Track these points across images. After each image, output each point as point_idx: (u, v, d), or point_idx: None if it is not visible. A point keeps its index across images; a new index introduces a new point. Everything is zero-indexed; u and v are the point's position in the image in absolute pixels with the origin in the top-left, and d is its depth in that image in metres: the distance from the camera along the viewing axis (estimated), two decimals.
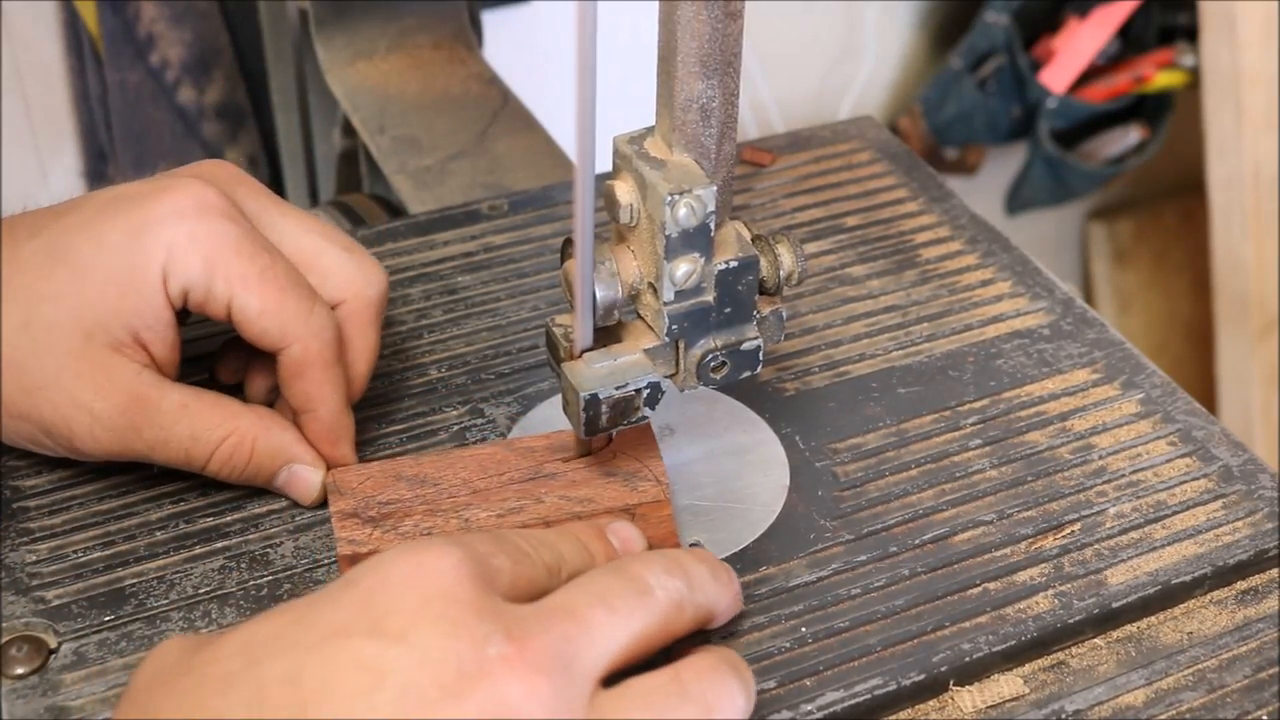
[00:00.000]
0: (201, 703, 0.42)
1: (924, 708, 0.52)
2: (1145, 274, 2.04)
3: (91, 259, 0.54)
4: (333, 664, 0.41)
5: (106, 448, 0.55)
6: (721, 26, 0.51)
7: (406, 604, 0.42)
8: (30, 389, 0.54)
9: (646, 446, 0.58)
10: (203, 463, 0.56)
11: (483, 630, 0.42)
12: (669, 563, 0.48)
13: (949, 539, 0.57)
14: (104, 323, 0.54)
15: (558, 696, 0.42)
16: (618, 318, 0.55)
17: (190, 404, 0.55)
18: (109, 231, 0.54)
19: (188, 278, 0.54)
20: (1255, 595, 0.57)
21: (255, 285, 0.54)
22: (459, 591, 0.43)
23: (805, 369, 0.65)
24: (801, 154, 0.79)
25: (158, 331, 0.55)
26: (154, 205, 0.54)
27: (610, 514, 0.55)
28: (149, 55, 1.17)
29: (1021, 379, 0.65)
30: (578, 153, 0.47)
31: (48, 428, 0.54)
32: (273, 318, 0.55)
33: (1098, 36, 1.69)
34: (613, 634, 0.45)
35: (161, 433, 0.55)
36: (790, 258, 0.55)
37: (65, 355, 0.53)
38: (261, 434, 0.56)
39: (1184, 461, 0.61)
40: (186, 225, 0.54)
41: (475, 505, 0.55)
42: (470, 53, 0.97)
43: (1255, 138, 1.61)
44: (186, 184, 0.55)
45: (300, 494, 0.58)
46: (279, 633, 0.43)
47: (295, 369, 0.56)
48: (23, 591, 0.54)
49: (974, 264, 0.72)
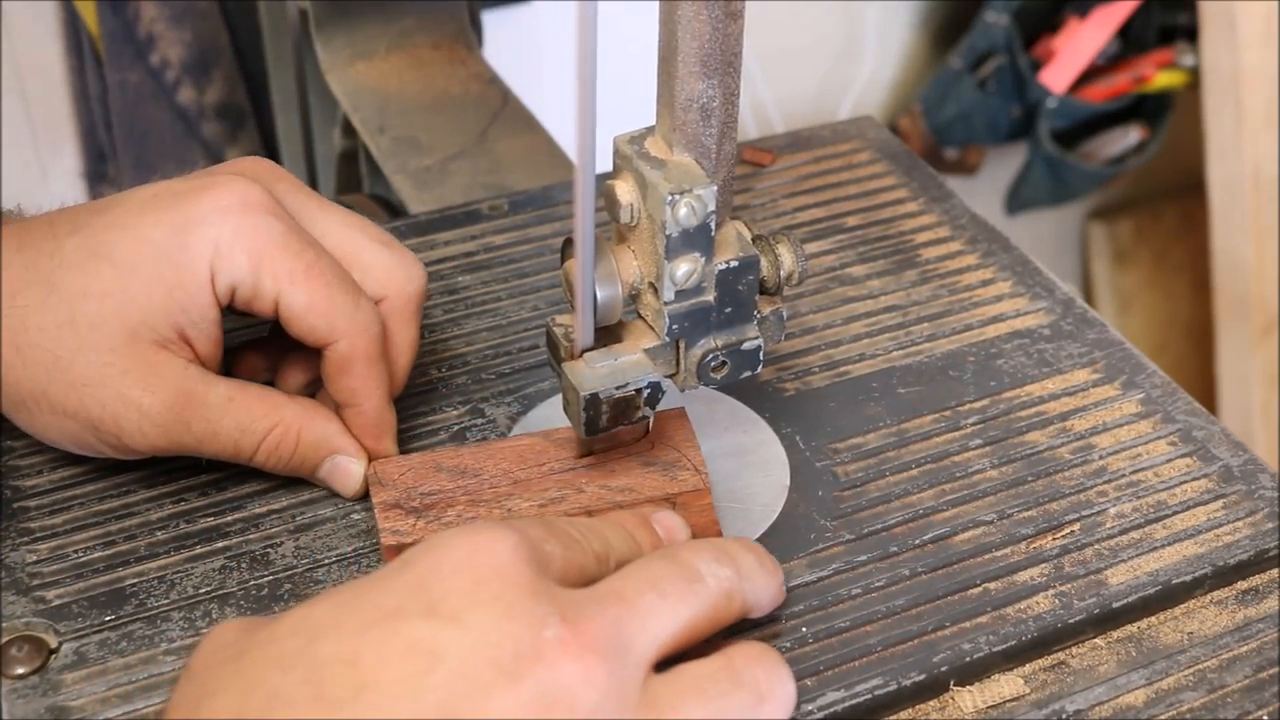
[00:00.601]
0: (260, 680, 0.42)
1: (924, 708, 0.52)
2: (1145, 274, 2.04)
3: (137, 256, 0.54)
4: (389, 644, 0.42)
5: (154, 443, 0.55)
6: (722, 26, 0.51)
7: (462, 586, 0.43)
8: (76, 385, 0.54)
9: (685, 436, 0.58)
10: (249, 454, 0.56)
11: (538, 613, 0.42)
12: (718, 551, 0.49)
13: (949, 539, 0.57)
14: (150, 320, 0.54)
15: (612, 680, 0.42)
16: (618, 318, 0.55)
17: (236, 397, 0.56)
18: (154, 229, 0.54)
19: (235, 275, 0.54)
20: (1255, 595, 0.57)
21: (302, 281, 0.55)
22: (514, 575, 0.43)
23: (805, 369, 0.65)
24: (801, 154, 0.79)
25: (203, 329, 0.55)
26: (199, 202, 0.54)
27: (651, 503, 0.56)
28: (149, 55, 1.18)
29: (1022, 379, 0.65)
30: (578, 153, 0.47)
31: (95, 424, 0.54)
32: (320, 314, 0.55)
33: (1098, 36, 1.69)
34: (664, 620, 0.45)
35: (209, 426, 0.55)
36: (790, 258, 0.55)
37: (111, 352, 0.54)
38: (306, 425, 0.57)
39: (1184, 461, 0.61)
40: (232, 222, 0.54)
41: (517, 495, 0.56)
42: (470, 53, 0.97)
43: (1255, 138, 1.61)
44: (230, 181, 0.55)
45: (343, 485, 0.58)
46: (336, 613, 0.43)
47: (341, 364, 0.56)
48: (23, 591, 0.54)
49: (974, 264, 0.72)
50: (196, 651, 0.45)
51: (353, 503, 0.58)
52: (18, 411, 0.55)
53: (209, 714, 0.42)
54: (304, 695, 0.41)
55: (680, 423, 0.59)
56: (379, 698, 0.41)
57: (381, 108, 0.91)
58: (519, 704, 0.41)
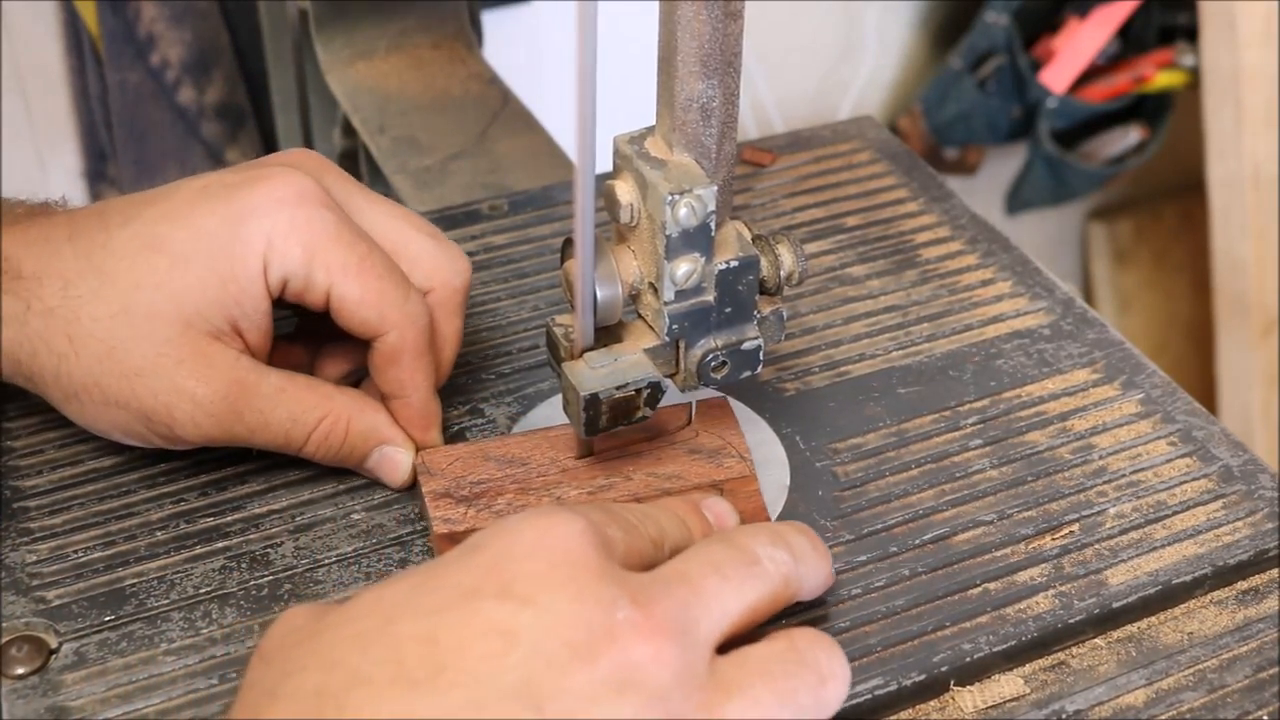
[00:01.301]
0: (339, 659, 0.42)
1: (924, 708, 0.52)
2: (1145, 274, 2.04)
3: (191, 247, 0.54)
4: (467, 625, 0.42)
5: (207, 433, 0.55)
6: (722, 26, 0.51)
7: (534, 569, 0.43)
8: (130, 375, 0.54)
9: (728, 423, 0.59)
10: (300, 444, 0.57)
11: (609, 595, 0.43)
12: (774, 535, 0.49)
13: (949, 539, 0.57)
14: (204, 311, 0.54)
15: (681, 660, 0.43)
16: (618, 318, 0.55)
17: (287, 387, 0.56)
18: (207, 219, 0.54)
19: (288, 267, 0.55)
20: (1255, 595, 0.57)
21: (354, 273, 0.55)
22: (584, 558, 0.44)
23: (805, 369, 0.65)
24: (801, 154, 0.79)
25: (255, 320, 0.55)
26: (252, 194, 0.55)
27: (699, 490, 0.56)
28: (149, 55, 1.17)
29: (1021, 379, 0.65)
30: (578, 153, 0.47)
31: (148, 414, 0.55)
32: (371, 306, 0.55)
33: (1098, 36, 1.69)
34: (727, 602, 0.46)
35: (261, 416, 0.56)
36: (790, 258, 0.55)
37: (165, 342, 0.54)
38: (355, 415, 0.57)
39: (1184, 461, 0.61)
40: (286, 213, 0.54)
41: (566, 483, 0.56)
42: (470, 53, 0.97)
43: (1255, 138, 1.61)
44: (282, 172, 0.56)
45: (391, 476, 0.58)
46: (410, 595, 0.44)
47: (390, 356, 0.57)
48: (23, 591, 0.54)
49: (974, 264, 0.72)
50: (267, 635, 0.45)
51: (352, 503, 0.58)
52: (68, 402, 0.56)
53: (289, 694, 0.42)
54: (383, 674, 0.42)
55: (724, 410, 0.59)
56: (458, 677, 0.41)
57: (381, 108, 0.91)
58: (594, 683, 0.42)
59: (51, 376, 0.55)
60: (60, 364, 0.54)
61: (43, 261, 0.55)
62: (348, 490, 0.59)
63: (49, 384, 0.55)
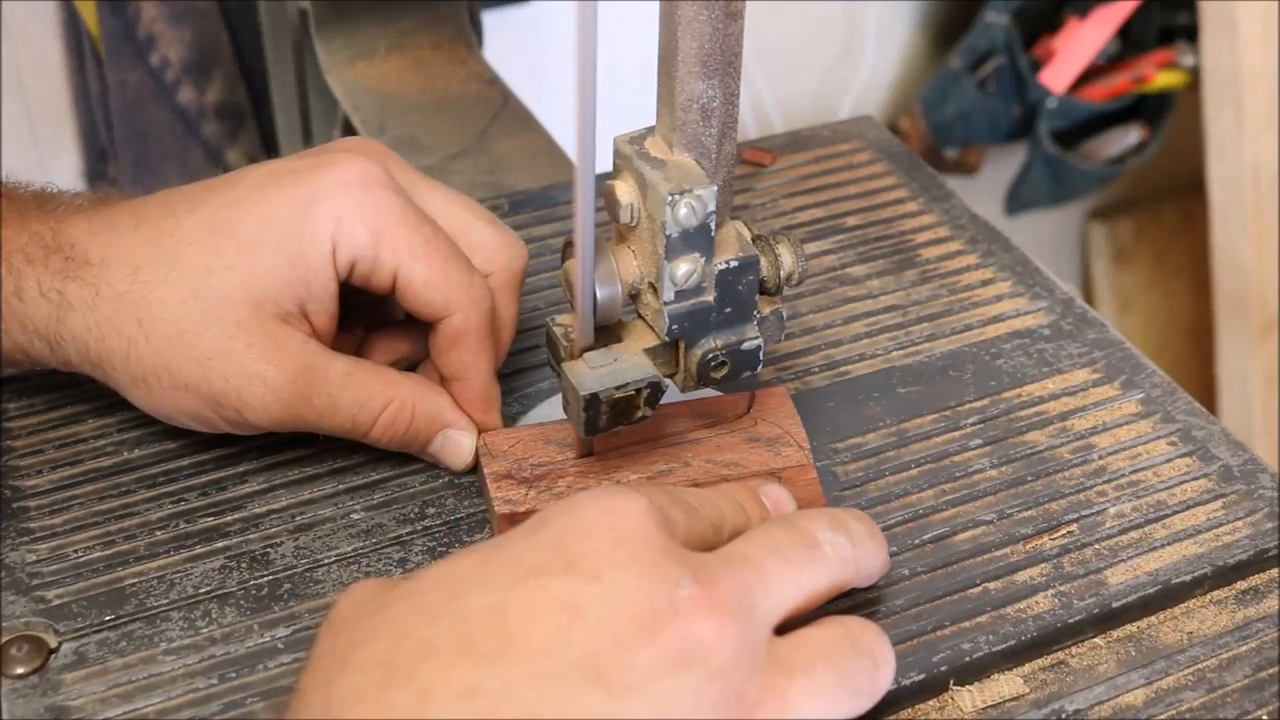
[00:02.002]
0: (409, 630, 0.43)
1: (924, 707, 0.52)
2: (1145, 274, 2.04)
3: (261, 231, 0.55)
4: (534, 599, 0.43)
5: (276, 416, 0.56)
6: (722, 26, 0.51)
7: (599, 546, 0.44)
8: (200, 359, 0.55)
9: (786, 413, 0.59)
10: (366, 429, 0.57)
11: (673, 573, 0.43)
12: (833, 520, 0.50)
13: (949, 539, 0.57)
14: (274, 294, 0.55)
15: (742, 638, 0.43)
16: (618, 318, 0.55)
17: (354, 372, 0.57)
18: (276, 203, 0.55)
19: (356, 249, 0.55)
20: (1255, 595, 0.57)
21: (421, 256, 0.56)
22: (648, 536, 0.44)
23: (805, 369, 0.65)
24: (801, 154, 0.79)
25: (323, 304, 0.56)
26: (320, 178, 0.55)
27: (757, 478, 0.56)
28: (149, 55, 1.17)
29: (1021, 379, 0.65)
30: (578, 153, 0.47)
31: (218, 398, 0.55)
32: (437, 288, 0.56)
33: (1098, 36, 1.69)
34: (787, 585, 0.46)
35: (329, 400, 0.56)
36: (790, 258, 0.55)
37: (235, 325, 0.55)
38: (420, 400, 0.58)
39: (1184, 461, 0.61)
40: (353, 197, 0.55)
41: (626, 467, 0.57)
42: (470, 53, 0.97)
43: (1255, 138, 1.61)
44: (348, 157, 0.56)
45: (454, 459, 0.59)
46: (479, 569, 0.44)
47: (454, 338, 0.57)
48: (23, 591, 0.54)
49: (974, 264, 0.72)
50: (335, 608, 0.46)
51: (352, 503, 0.58)
52: (136, 387, 0.56)
53: (359, 663, 0.43)
54: (451, 645, 0.42)
55: (781, 400, 0.60)
56: (526, 650, 0.42)
57: (381, 108, 0.91)
58: (658, 659, 0.42)
59: (120, 361, 0.55)
60: (130, 348, 0.55)
61: (111, 248, 0.55)
62: (348, 490, 0.59)
63: (117, 369, 0.56)
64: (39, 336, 0.56)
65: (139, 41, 1.17)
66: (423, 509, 0.58)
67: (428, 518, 0.58)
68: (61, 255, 0.55)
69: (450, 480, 0.59)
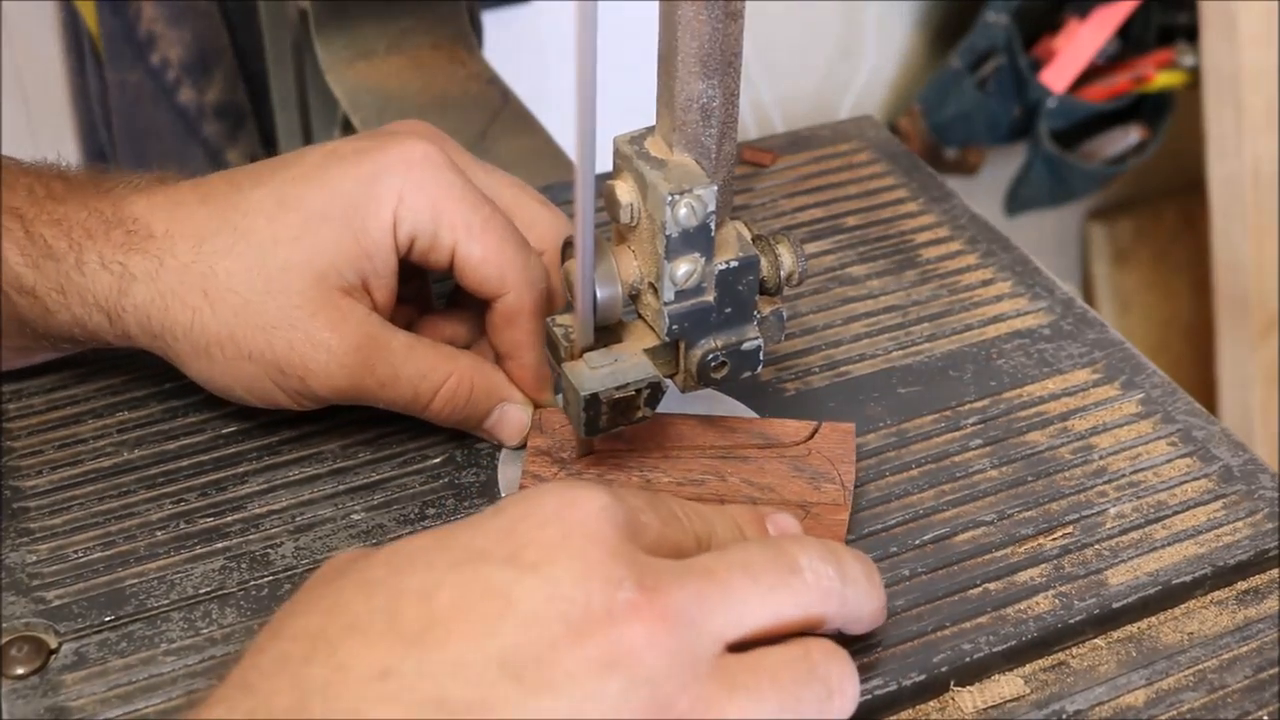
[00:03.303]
0: (344, 604, 0.43)
1: (924, 708, 0.52)
2: (1145, 274, 2.04)
3: (326, 204, 0.56)
4: (466, 585, 0.42)
5: (338, 385, 0.56)
6: (721, 26, 0.51)
7: (547, 537, 0.43)
8: (265, 328, 0.55)
9: (844, 453, 0.58)
10: (428, 400, 0.58)
11: (616, 574, 0.43)
12: (825, 550, 0.48)
13: (949, 539, 0.57)
14: (338, 265, 0.56)
15: (680, 650, 0.42)
16: (618, 318, 0.55)
17: (415, 345, 0.58)
18: (340, 179, 0.56)
19: (416, 225, 0.56)
20: (1255, 595, 0.57)
21: (478, 234, 0.57)
22: (599, 534, 0.43)
23: (805, 369, 0.65)
24: (801, 154, 0.79)
25: (384, 278, 0.57)
26: (382, 155, 0.57)
27: (786, 506, 0.56)
28: (149, 55, 1.17)
29: (1022, 379, 0.65)
30: (578, 153, 0.47)
31: (281, 367, 0.56)
32: (493, 266, 0.57)
33: (1098, 36, 1.69)
34: (750, 604, 0.45)
35: (392, 369, 0.57)
36: (790, 258, 0.55)
37: (300, 294, 0.55)
38: (478, 374, 0.59)
39: (1184, 461, 0.61)
40: (415, 174, 0.56)
41: (661, 469, 0.57)
42: (470, 53, 0.97)
43: (1255, 138, 1.61)
44: (409, 137, 0.58)
45: (509, 433, 0.60)
46: (428, 550, 0.44)
47: (509, 316, 0.58)
48: (23, 592, 0.54)
49: (974, 264, 0.72)
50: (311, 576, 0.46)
51: (352, 503, 0.58)
52: (198, 358, 0.57)
53: (291, 633, 0.43)
54: (378, 624, 0.42)
55: (844, 438, 0.58)
56: (447, 636, 0.41)
57: (381, 108, 0.91)
58: (582, 660, 0.41)
59: (184, 331, 0.56)
60: (194, 317, 0.56)
61: (175, 221, 0.56)
62: (348, 491, 0.59)
63: (180, 339, 0.56)
64: (98, 309, 0.56)
65: (139, 41, 1.17)
66: (423, 509, 0.58)
67: (428, 518, 0.58)
68: (123, 229, 0.56)
69: (450, 481, 0.59)
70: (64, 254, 0.56)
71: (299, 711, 0.40)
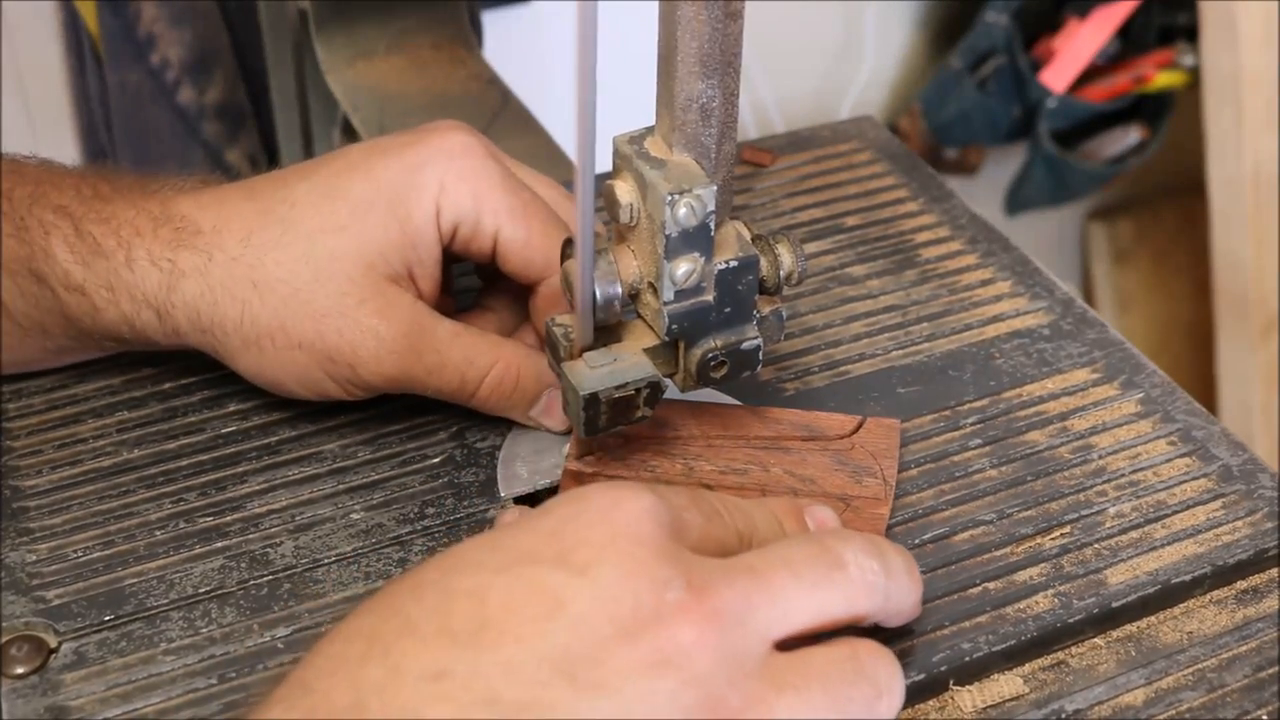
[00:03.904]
0: (398, 606, 0.44)
1: (924, 707, 0.52)
2: (1145, 274, 2.04)
3: (372, 194, 0.57)
4: (517, 587, 0.43)
5: (388, 372, 0.57)
6: (721, 26, 0.51)
7: (594, 539, 0.43)
8: (315, 316, 0.56)
9: (888, 448, 0.58)
10: (475, 387, 0.59)
11: (664, 574, 0.43)
12: (869, 544, 0.48)
13: (949, 539, 0.57)
14: (385, 254, 0.57)
15: (728, 649, 0.43)
16: (618, 317, 0.55)
17: (462, 333, 0.58)
18: (384, 170, 0.58)
19: (459, 212, 0.57)
20: (1255, 595, 0.57)
21: (521, 218, 0.58)
22: (646, 534, 0.44)
23: (805, 369, 0.65)
24: (801, 154, 0.79)
25: (428, 267, 0.58)
26: (424, 147, 0.58)
27: (827, 499, 0.56)
28: (149, 55, 1.17)
29: (1021, 379, 0.65)
30: (578, 153, 0.47)
31: (331, 355, 0.57)
32: (537, 248, 0.58)
33: (1098, 36, 1.69)
34: (796, 601, 0.45)
35: (439, 356, 0.58)
36: (790, 257, 0.55)
37: (349, 282, 0.56)
38: (524, 361, 0.59)
39: (1184, 461, 0.61)
40: (456, 163, 0.58)
41: (704, 457, 0.57)
42: (470, 53, 0.97)
43: (1255, 138, 1.61)
44: (449, 130, 0.59)
45: (556, 419, 0.60)
46: (479, 551, 0.45)
47: (554, 299, 0.59)
48: (23, 591, 0.54)
49: (974, 264, 0.72)
50: None
51: (352, 503, 0.58)
52: (248, 350, 0.57)
53: (347, 634, 0.44)
54: (431, 625, 0.42)
55: (889, 434, 0.59)
56: (499, 637, 0.42)
57: (381, 108, 0.91)
58: (632, 660, 0.42)
59: (234, 324, 0.57)
60: (244, 310, 0.56)
61: (223, 218, 0.57)
62: (347, 490, 0.59)
63: (230, 333, 0.57)
64: (147, 305, 0.57)
65: (139, 41, 1.17)
66: (422, 509, 0.58)
67: (427, 518, 0.58)
68: (171, 226, 0.57)
69: (450, 480, 0.59)
70: (113, 251, 0.57)
71: (357, 711, 0.41)
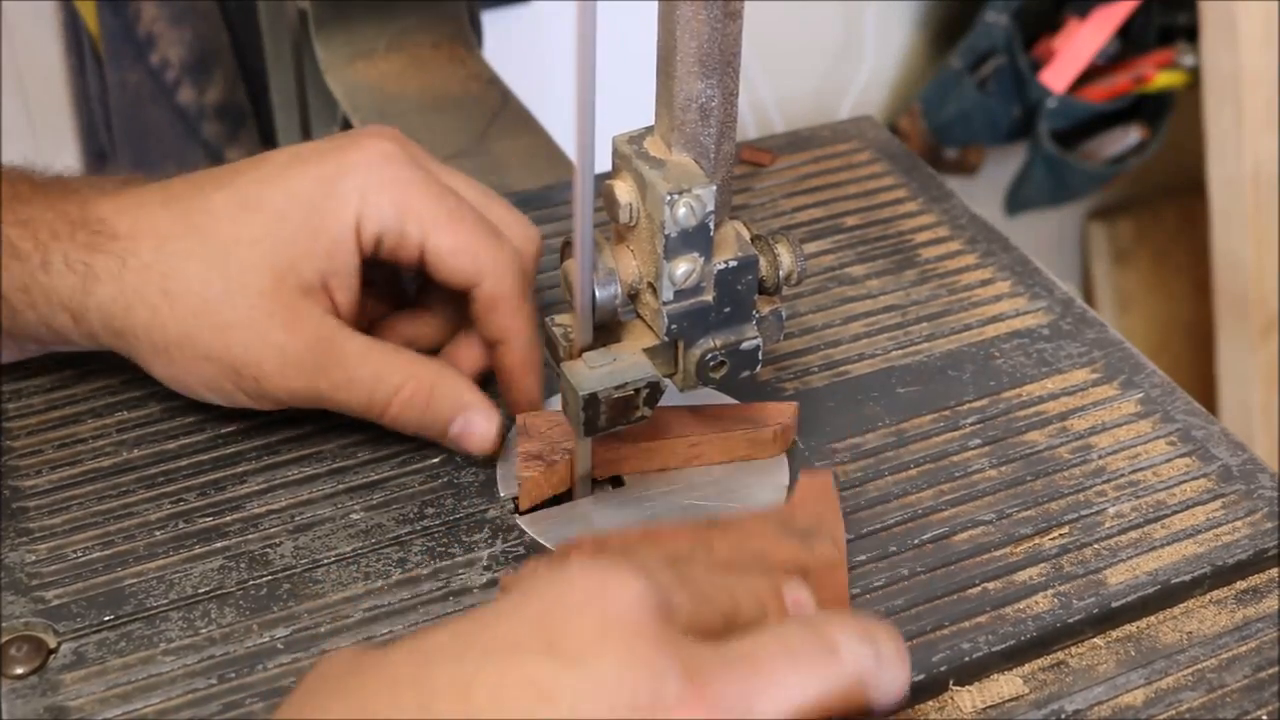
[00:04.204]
0: (368, 704, 0.41)
1: (924, 708, 0.52)
2: (1145, 274, 2.04)
3: (286, 205, 0.56)
4: (504, 678, 0.40)
5: (293, 386, 0.57)
6: (721, 26, 0.51)
7: (586, 627, 0.41)
8: (222, 328, 0.56)
9: (828, 505, 0.56)
10: (383, 406, 0.58)
11: (661, 665, 0.40)
12: (864, 631, 0.46)
13: (948, 539, 0.57)
14: (296, 266, 0.56)
15: None
16: (617, 317, 0.55)
17: (372, 350, 0.58)
18: (301, 180, 0.57)
19: (382, 223, 0.57)
20: (1255, 595, 0.57)
21: (446, 225, 0.57)
22: (641, 623, 0.41)
23: (805, 369, 0.65)
24: (801, 154, 0.79)
25: (344, 279, 0.57)
26: (344, 155, 0.57)
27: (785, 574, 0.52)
28: (149, 55, 1.17)
29: (1021, 379, 0.65)
30: (578, 153, 0.47)
31: (238, 368, 0.56)
32: (465, 254, 0.57)
33: (1098, 36, 1.68)
34: (792, 690, 0.43)
35: (346, 374, 0.57)
36: (789, 257, 0.55)
37: (258, 295, 0.56)
38: (438, 380, 0.58)
39: (1183, 461, 0.61)
40: (377, 173, 0.57)
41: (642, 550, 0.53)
42: (470, 53, 0.97)
43: (1255, 138, 1.61)
44: (371, 138, 0.58)
45: (475, 443, 0.59)
46: (451, 641, 0.42)
47: (490, 303, 0.58)
48: (23, 591, 0.54)
49: (974, 264, 0.72)
50: (304, 676, 0.44)
51: (351, 503, 0.58)
52: (158, 357, 0.57)
53: None
54: None
55: (824, 488, 0.57)
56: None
57: (381, 107, 0.91)
58: None
59: (144, 330, 0.56)
60: (154, 317, 0.56)
61: (139, 223, 0.57)
62: (347, 490, 0.59)
63: (140, 339, 0.56)
64: (63, 309, 0.57)
65: (139, 41, 1.17)
66: (422, 509, 0.58)
67: (427, 518, 0.58)
68: (89, 230, 0.57)
69: (449, 480, 0.59)
70: (29, 254, 0.56)
71: None
